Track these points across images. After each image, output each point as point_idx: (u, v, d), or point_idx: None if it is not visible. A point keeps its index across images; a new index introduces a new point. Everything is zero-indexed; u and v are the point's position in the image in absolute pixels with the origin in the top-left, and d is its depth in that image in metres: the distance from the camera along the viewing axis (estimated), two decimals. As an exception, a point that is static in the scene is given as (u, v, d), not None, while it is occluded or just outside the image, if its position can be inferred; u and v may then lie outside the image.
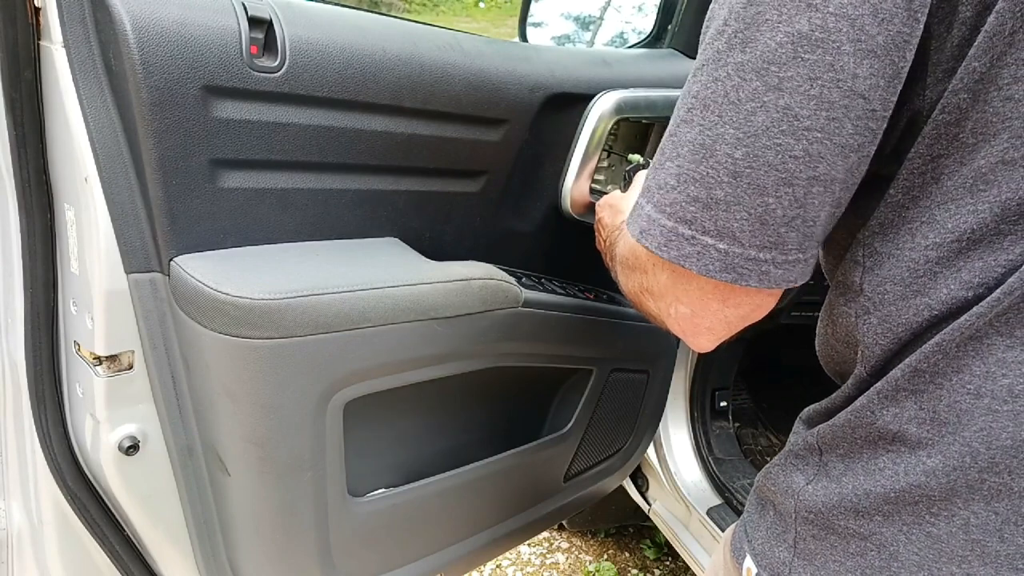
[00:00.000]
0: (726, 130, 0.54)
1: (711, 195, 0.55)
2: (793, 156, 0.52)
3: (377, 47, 0.97)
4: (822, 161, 0.52)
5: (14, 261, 0.91)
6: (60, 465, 0.97)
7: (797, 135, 0.52)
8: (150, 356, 0.94)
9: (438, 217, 1.15)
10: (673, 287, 0.62)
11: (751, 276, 0.55)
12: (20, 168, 0.87)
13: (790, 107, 0.51)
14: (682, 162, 0.56)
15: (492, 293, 1.08)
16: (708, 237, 0.55)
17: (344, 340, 0.93)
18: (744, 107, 0.53)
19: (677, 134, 0.57)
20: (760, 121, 0.52)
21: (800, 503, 0.64)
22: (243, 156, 0.92)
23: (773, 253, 0.55)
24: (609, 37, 1.60)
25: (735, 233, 0.55)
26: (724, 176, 0.54)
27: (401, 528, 1.17)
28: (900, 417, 0.57)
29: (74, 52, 0.83)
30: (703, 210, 0.55)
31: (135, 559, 1.06)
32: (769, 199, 0.53)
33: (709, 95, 0.55)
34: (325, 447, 0.99)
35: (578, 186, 1.24)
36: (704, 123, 0.55)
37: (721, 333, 0.64)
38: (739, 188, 0.54)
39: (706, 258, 0.56)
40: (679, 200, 0.56)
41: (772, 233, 0.54)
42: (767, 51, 0.52)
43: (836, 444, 0.62)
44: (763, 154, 0.53)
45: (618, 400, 1.45)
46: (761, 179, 0.53)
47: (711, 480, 1.74)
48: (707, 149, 0.55)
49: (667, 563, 2.28)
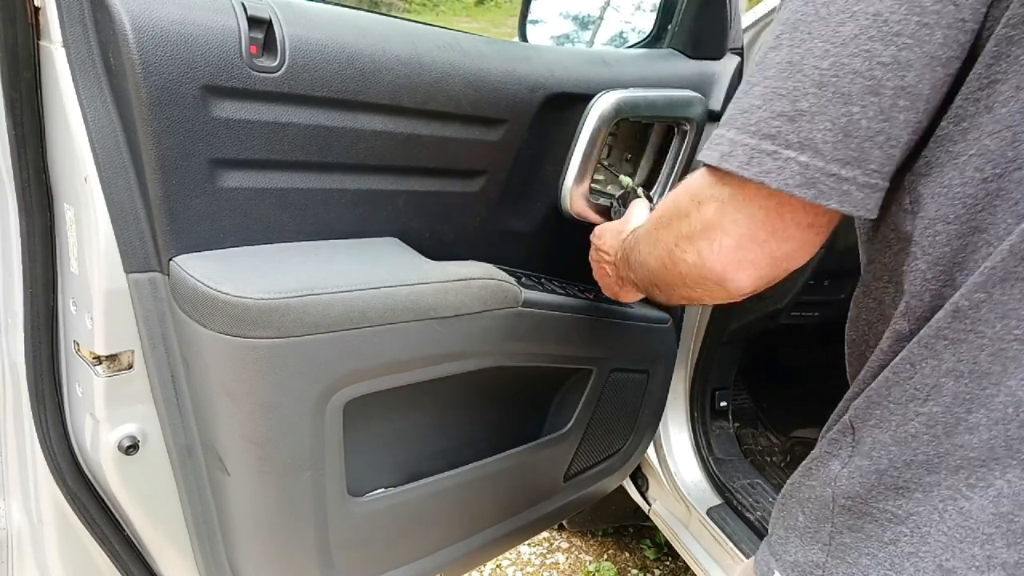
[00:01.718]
0: (814, 44, 0.53)
1: (796, 107, 0.54)
2: (881, 62, 0.51)
3: (377, 47, 0.97)
4: (910, 69, 0.51)
5: (14, 261, 0.91)
6: (60, 465, 0.97)
7: (886, 40, 0.51)
8: (150, 356, 0.94)
9: (438, 217, 1.15)
10: (721, 216, 0.60)
11: (832, 195, 0.54)
12: (20, 168, 0.87)
13: (880, 12, 0.51)
14: (768, 83, 0.56)
15: (492, 293, 1.08)
16: (790, 150, 0.54)
17: (344, 340, 0.93)
18: (833, 19, 0.53)
19: (764, 61, 0.57)
20: (848, 30, 0.52)
21: (838, 489, 0.63)
22: (243, 156, 0.92)
23: (856, 171, 0.53)
24: (609, 37, 1.60)
25: (817, 144, 0.53)
26: (810, 87, 0.53)
27: (401, 528, 1.17)
28: (938, 370, 0.56)
29: (74, 52, 0.83)
30: (787, 123, 0.54)
31: (135, 559, 1.07)
32: (854, 107, 0.52)
33: (799, 17, 0.55)
34: (324, 447, 0.99)
35: (578, 186, 1.24)
36: (792, 42, 0.55)
37: (763, 270, 0.61)
38: (823, 97, 0.53)
39: (786, 172, 0.54)
40: (764, 117, 0.56)
41: (855, 147, 0.53)
42: None
43: (869, 413, 0.61)
44: (849, 62, 0.52)
45: (618, 400, 1.45)
46: (846, 87, 0.52)
47: (711, 480, 1.74)
48: (794, 65, 0.54)
49: (667, 563, 2.28)
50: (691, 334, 1.68)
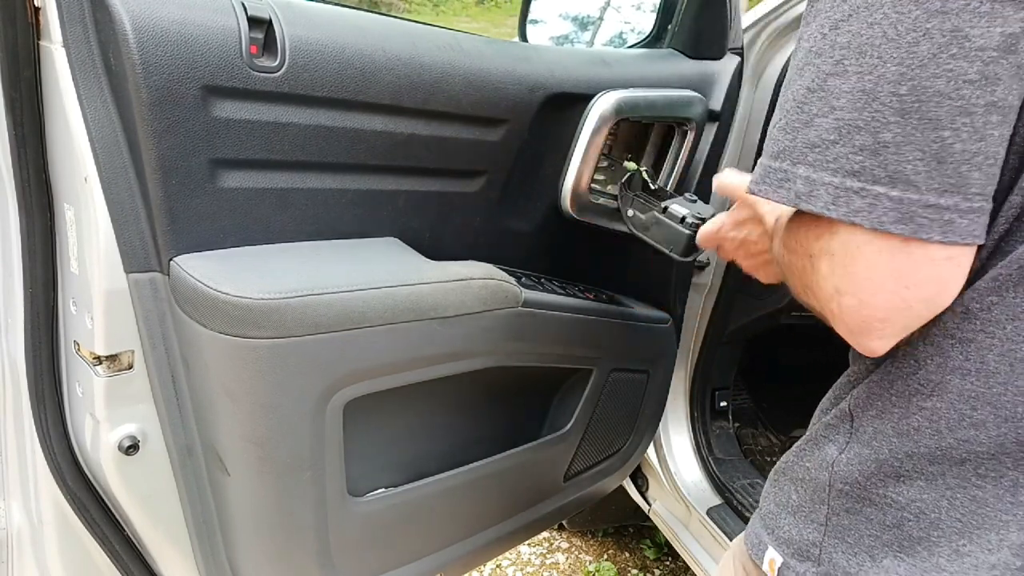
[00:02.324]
0: (887, 69, 0.50)
1: (878, 139, 0.50)
2: (968, 80, 0.48)
3: (377, 47, 0.97)
4: (999, 83, 0.48)
5: (14, 261, 0.91)
6: (60, 465, 0.97)
7: (969, 57, 0.47)
8: (150, 356, 0.94)
9: (438, 217, 1.15)
10: (834, 271, 0.54)
11: (933, 227, 0.49)
12: (20, 168, 0.87)
13: (958, 28, 0.47)
14: (841, 114, 0.52)
15: (492, 293, 1.08)
16: (879, 186, 0.50)
17: (344, 340, 0.93)
18: (904, 39, 0.49)
19: (827, 87, 0.53)
20: (925, 50, 0.48)
21: (835, 475, 0.63)
22: (243, 156, 0.92)
23: (955, 198, 0.49)
24: (609, 37, 1.60)
25: (909, 176, 0.49)
26: (891, 116, 0.50)
27: (401, 528, 1.17)
28: (944, 367, 0.55)
29: (74, 52, 0.83)
30: (871, 156, 0.50)
31: (135, 559, 1.06)
32: (945, 132, 0.48)
33: (864, 41, 0.51)
34: (325, 447, 0.99)
35: (578, 186, 1.24)
36: (861, 68, 0.51)
37: (899, 326, 0.54)
38: (908, 126, 0.49)
39: (879, 209, 0.50)
40: (843, 153, 0.52)
41: (952, 173, 0.49)
42: None
43: (869, 404, 0.61)
44: (932, 84, 0.48)
45: (618, 400, 1.45)
46: (932, 111, 0.48)
47: (711, 480, 1.74)
48: (868, 94, 0.51)
49: (667, 563, 2.28)
50: (691, 334, 1.68)
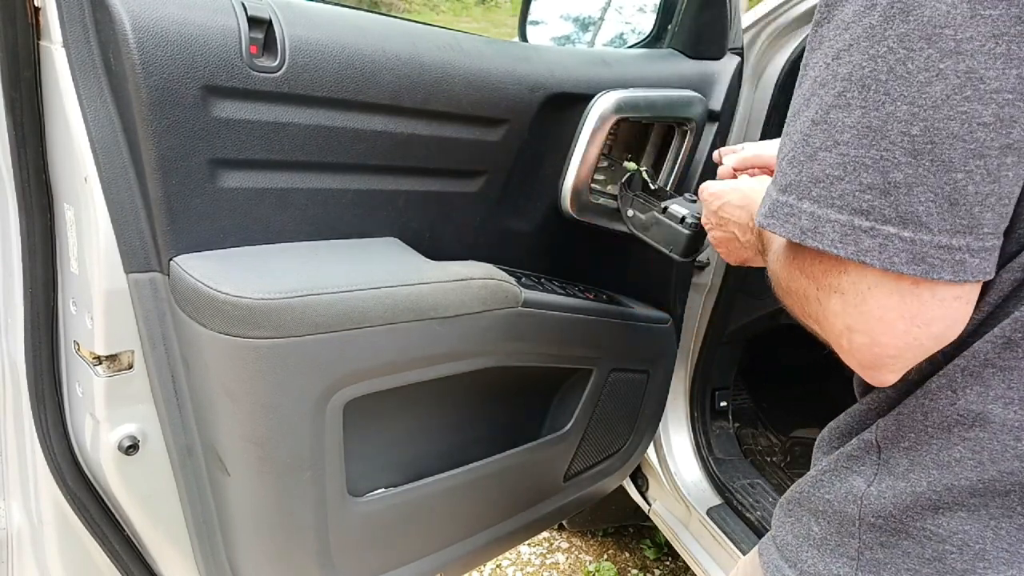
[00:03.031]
0: (897, 107, 0.49)
1: (888, 179, 0.49)
2: (982, 123, 0.47)
3: (377, 47, 0.97)
4: (1015, 125, 0.47)
5: (14, 261, 0.91)
6: (60, 465, 0.97)
7: (984, 100, 0.47)
8: (150, 356, 0.94)
9: (438, 217, 1.15)
10: (845, 309, 0.54)
11: (944, 267, 0.49)
12: (20, 168, 0.87)
13: (973, 70, 0.47)
14: (846, 149, 0.51)
15: (492, 293, 1.08)
16: (890, 226, 0.49)
17: (343, 340, 0.93)
18: (916, 79, 0.48)
19: (829, 120, 0.52)
20: (938, 91, 0.48)
21: (865, 508, 0.60)
22: (243, 156, 0.92)
23: (968, 239, 0.49)
24: (609, 37, 1.60)
25: (921, 217, 0.49)
26: (901, 156, 0.49)
27: (401, 528, 1.17)
28: (985, 396, 0.53)
29: (74, 52, 0.83)
30: (880, 196, 0.50)
31: (135, 559, 1.06)
32: (958, 175, 0.48)
33: (868, 74, 0.50)
34: (324, 447, 0.99)
35: (578, 186, 1.24)
36: (866, 104, 0.50)
37: (909, 360, 0.54)
38: (920, 167, 0.48)
39: (889, 249, 0.49)
40: (850, 190, 0.51)
41: (964, 214, 0.48)
42: (937, 15, 0.47)
43: (901, 436, 0.58)
44: (945, 126, 0.48)
45: (618, 400, 1.45)
46: (946, 153, 0.48)
47: (711, 480, 1.74)
48: (876, 131, 0.50)
49: (667, 563, 2.28)
50: (691, 334, 1.68)
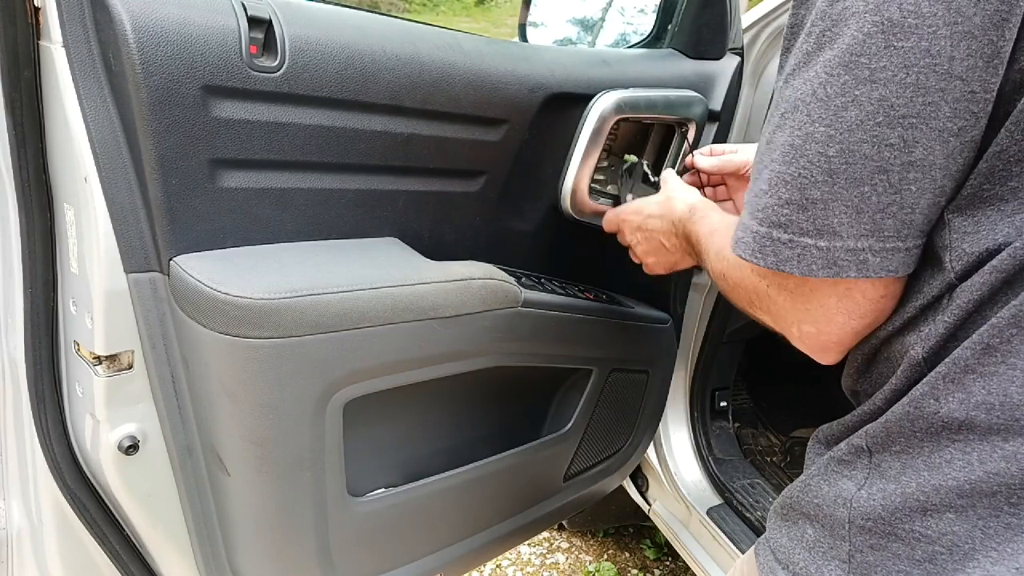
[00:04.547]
0: (816, 128, 0.53)
1: (806, 196, 0.54)
2: (889, 144, 0.51)
3: (377, 47, 0.97)
4: (917, 146, 0.51)
5: (14, 261, 0.91)
6: (60, 465, 0.97)
7: (892, 124, 0.51)
8: (150, 356, 0.94)
9: (438, 217, 1.15)
10: (794, 305, 0.61)
11: (850, 266, 0.54)
12: (20, 168, 0.87)
13: (885, 98, 0.51)
14: (774, 167, 0.56)
15: (492, 293, 1.08)
16: (807, 238, 0.55)
17: (344, 340, 0.93)
18: (834, 103, 0.52)
19: (772, 141, 0.57)
20: (852, 116, 0.52)
21: (855, 511, 0.61)
22: (243, 156, 0.91)
23: (870, 241, 0.54)
24: (609, 38, 1.60)
25: (835, 228, 0.54)
26: (818, 175, 0.53)
27: (401, 528, 1.17)
28: (967, 403, 0.54)
29: (74, 52, 0.83)
30: (798, 211, 0.55)
31: (135, 559, 1.06)
32: (864, 188, 0.52)
33: (799, 96, 0.54)
34: (324, 447, 0.99)
35: (578, 186, 1.24)
36: (793, 124, 0.55)
37: (848, 344, 0.63)
38: (836, 185, 0.53)
39: (807, 259, 0.55)
40: (771, 204, 0.56)
41: (868, 220, 0.53)
42: (855, 43, 0.51)
43: (890, 441, 0.59)
44: (859, 148, 0.52)
45: (618, 400, 1.45)
46: (858, 172, 0.52)
47: (711, 480, 1.74)
48: (797, 149, 0.54)
49: (667, 563, 2.28)
50: (691, 334, 1.68)
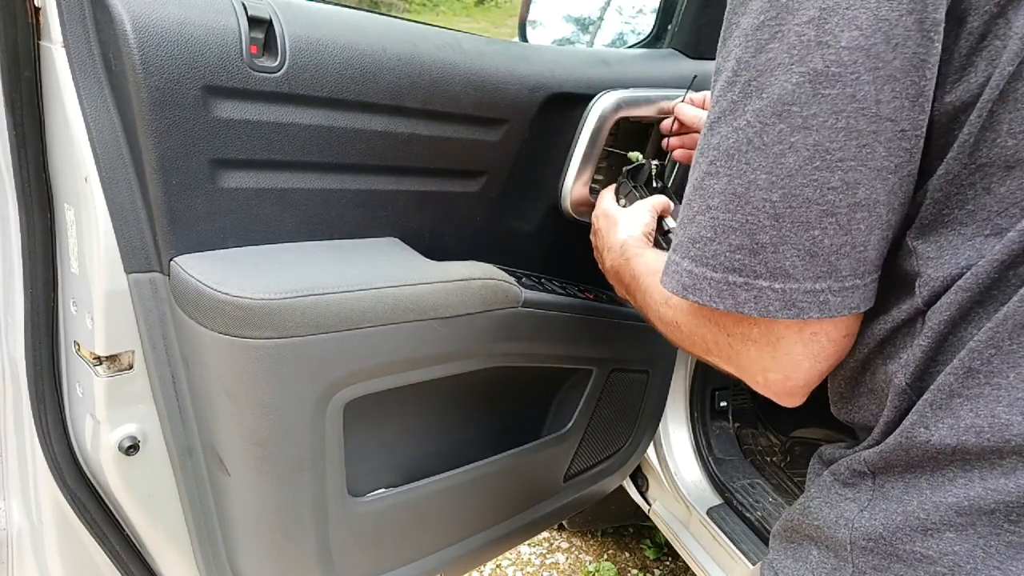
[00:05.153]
0: (757, 176, 0.55)
1: (755, 240, 0.56)
2: (831, 188, 0.53)
3: (377, 47, 0.97)
4: (859, 187, 0.53)
5: (14, 261, 0.91)
6: (60, 465, 0.97)
7: (831, 167, 0.53)
8: (150, 356, 0.94)
9: (438, 217, 1.15)
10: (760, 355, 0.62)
11: (811, 308, 0.56)
12: (20, 168, 0.87)
13: (819, 143, 0.52)
14: (716, 213, 0.57)
15: (492, 293, 1.08)
16: (762, 280, 0.56)
17: (344, 340, 0.93)
18: (772, 150, 0.54)
19: (704, 186, 0.58)
20: (791, 161, 0.53)
21: (856, 532, 0.60)
22: (243, 156, 0.91)
23: (828, 282, 0.55)
24: (609, 38, 1.60)
25: (788, 270, 0.55)
26: (765, 220, 0.55)
27: (401, 528, 1.17)
28: (956, 429, 0.54)
29: (74, 52, 0.83)
30: (750, 256, 0.56)
31: (135, 559, 1.06)
32: (815, 232, 0.54)
33: (732, 145, 0.56)
34: (325, 447, 0.99)
35: (578, 186, 1.24)
36: (732, 172, 0.56)
37: (813, 384, 0.64)
38: (783, 228, 0.55)
39: (764, 300, 0.56)
40: (721, 251, 0.57)
41: (823, 263, 0.55)
42: (784, 93, 0.53)
43: (892, 464, 0.59)
44: (801, 192, 0.54)
45: (618, 400, 1.45)
46: (803, 215, 0.54)
47: (711, 480, 1.74)
48: (740, 197, 0.56)
49: (667, 563, 2.28)
50: (691, 334, 1.67)
